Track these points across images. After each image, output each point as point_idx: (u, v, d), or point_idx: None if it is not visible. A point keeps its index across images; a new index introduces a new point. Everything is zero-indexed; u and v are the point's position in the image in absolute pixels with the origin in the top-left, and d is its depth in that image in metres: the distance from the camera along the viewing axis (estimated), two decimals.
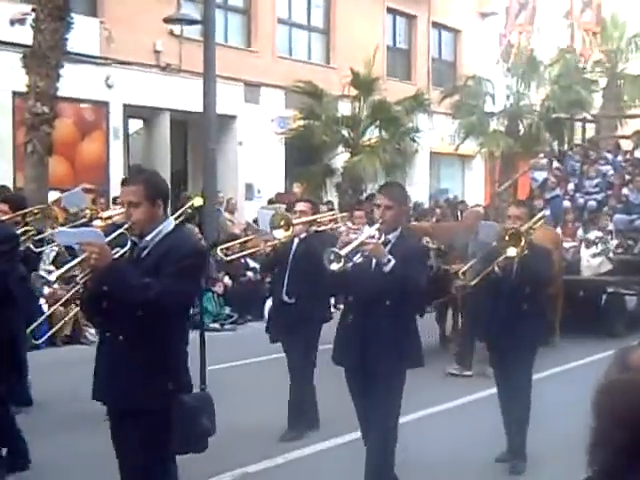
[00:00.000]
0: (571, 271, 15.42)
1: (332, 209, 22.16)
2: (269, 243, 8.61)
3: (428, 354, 12.90)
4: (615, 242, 16.10)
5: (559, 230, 16.59)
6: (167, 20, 20.29)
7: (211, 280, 17.58)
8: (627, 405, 2.34)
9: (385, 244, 6.16)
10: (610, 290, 16.00)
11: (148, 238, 4.96)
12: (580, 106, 27.23)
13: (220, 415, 5.18)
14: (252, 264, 18.65)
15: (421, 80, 30.77)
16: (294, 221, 8.42)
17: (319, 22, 28.28)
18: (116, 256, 4.79)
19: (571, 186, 18.75)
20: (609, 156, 19.64)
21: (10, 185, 18.15)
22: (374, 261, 6.08)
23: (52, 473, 7.47)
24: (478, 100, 28.29)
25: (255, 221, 21.60)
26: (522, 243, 7.29)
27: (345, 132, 23.77)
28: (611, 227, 16.58)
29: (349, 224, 7.77)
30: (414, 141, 24.46)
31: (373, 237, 6.05)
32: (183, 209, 8.10)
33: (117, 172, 22.02)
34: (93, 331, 13.67)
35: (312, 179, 22.80)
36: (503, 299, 7.60)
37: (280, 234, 8.31)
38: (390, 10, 30.49)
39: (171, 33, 22.71)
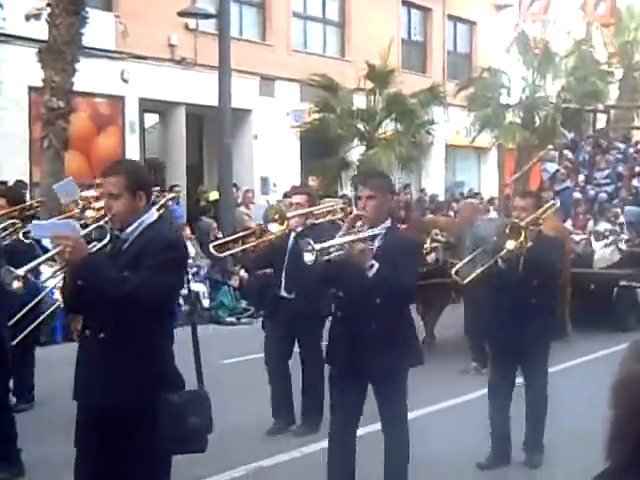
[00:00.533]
0: (582, 264, 15.20)
1: (347, 203, 22.15)
2: (265, 237, 8.36)
3: (439, 349, 12.93)
4: (626, 235, 15.81)
5: (569, 222, 16.37)
6: (182, 14, 20.28)
7: (227, 273, 17.59)
8: None
9: (372, 239, 5.90)
10: (622, 283, 15.68)
11: (129, 230, 4.77)
12: (596, 97, 27.10)
13: (236, 408, 5.14)
14: None
15: (436, 73, 30.69)
16: (288, 214, 8.19)
17: (334, 15, 28.20)
18: (94, 249, 4.63)
19: (582, 177, 18.45)
20: (622, 146, 19.31)
21: (27, 180, 18.21)
22: None
23: (59, 468, 7.45)
24: (493, 92, 28.21)
25: None
26: (522, 236, 7.12)
27: (360, 125, 23.73)
28: (622, 219, 16.29)
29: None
30: (429, 134, 24.42)
31: (371, 239, 5.85)
32: (164, 200, 7.99)
33: None
34: None
35: (327, 172, 22.77)
36: (509, 293, 7.38)
37: (275, 228, 8.06)
38: (405, 3, 30.40)
39: (186, 27, 22.69)
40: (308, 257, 5.56)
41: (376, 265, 5.68)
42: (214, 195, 20.86)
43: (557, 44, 30.94)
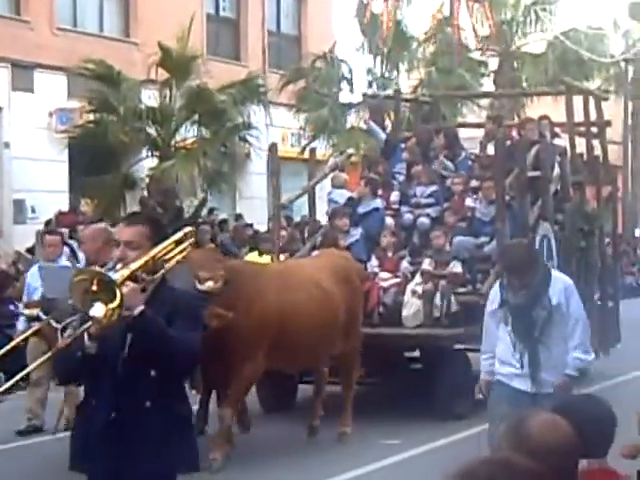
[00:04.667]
0: (392, 322, 14.72)
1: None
2: None
3: None
4: (453, 277, 15.12)
5: (374, 260, 15.66)
6: None
7: None
8: None
9: None
10: (457, 348, 15.02)
11: None
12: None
13: None
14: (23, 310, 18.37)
15: (254, 60, 31.04)
16: None
17: None
18: None
19: (395, 196, 17.30)
20: (462, 152, 18.31)
21: None
22: None
23: None
24: (331, 87, 28.75)
25: (29, 250, 21.44)
26: (117, 296, 5.59)
27: (151, 130, 23.68)
28: (450, 256, 15.42)
29: None
30: (245, 141, 24.54)
31: None
32: None
33: None
34: None
35: (106, 193, 22.60)
36: (106, 392, 5.87)
37: None
38: None
39: None
40: None
41: None
42: None
43: (413, 25, 31.81)
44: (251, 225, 26.41)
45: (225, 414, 11.64)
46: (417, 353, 15.94)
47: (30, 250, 21.54)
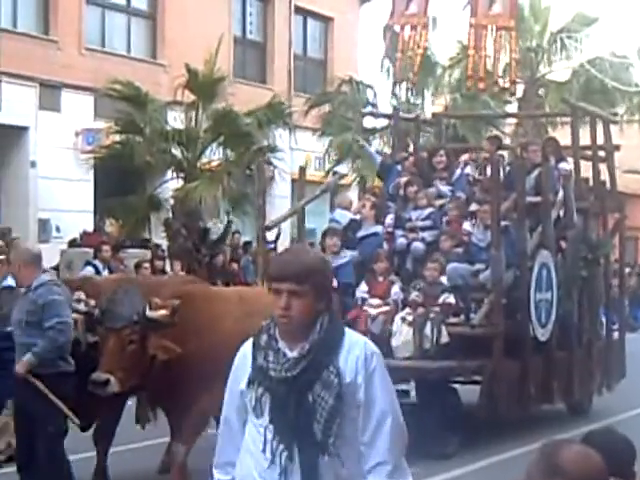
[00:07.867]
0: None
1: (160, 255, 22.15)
2: None
3: None
4: (445, 306, 14.35)
5: (364, 286, 14.79)
6: None
7: None
8: None
9: None
10: (453, 380, 14.50)
11: None
12: (488, 119, 28.00)
13: None
14: None
15: (280, 83, 31.11)
16: None
17: (142, 3, 28.40)
18: None
19: (390, 219, 16.48)
20: (458, 172, 17.57)
21: None
22: None
23: None
24: (355, 112, 28.78)
25: (55, 268, 21.49)
26: None
27: (177, 151, 23.75)
28: (444, 283, 14.66)
29: None
30: (270, 164, 24.57)
31: None
32: None
33: None
34: None
35: (131, 213, 22.67)
36: None
37: None
38: None
39: None
40: None
41: None
42: None
43: (439, 51, 31.86)
44: (274, 248, 26.42)
45: (178, 450, 10.52)
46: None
47: (55, 269, 21.57)
